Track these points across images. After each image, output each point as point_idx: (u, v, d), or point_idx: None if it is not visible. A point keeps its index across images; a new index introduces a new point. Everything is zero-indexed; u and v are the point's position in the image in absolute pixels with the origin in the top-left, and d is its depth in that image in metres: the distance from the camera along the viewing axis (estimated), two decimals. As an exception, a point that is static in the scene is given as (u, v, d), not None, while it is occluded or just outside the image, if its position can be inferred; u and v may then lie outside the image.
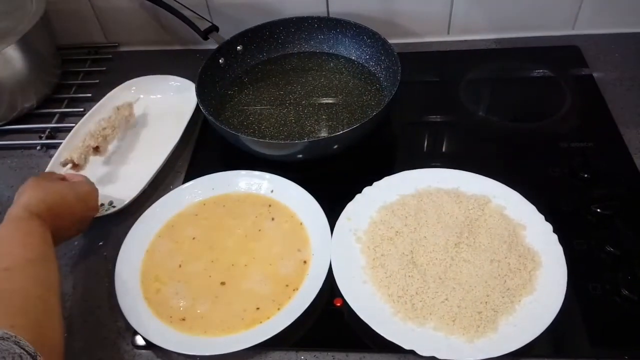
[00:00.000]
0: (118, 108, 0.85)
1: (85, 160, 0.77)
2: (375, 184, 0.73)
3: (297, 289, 0.64)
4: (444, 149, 0.82)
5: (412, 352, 0.56)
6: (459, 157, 0.80)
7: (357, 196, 0.71)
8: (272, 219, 0.72)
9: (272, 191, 0.74)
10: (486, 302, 0.59)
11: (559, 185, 0.73)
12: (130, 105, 0.86)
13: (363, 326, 0.58)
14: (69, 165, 0.76)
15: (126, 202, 0.74)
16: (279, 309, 0.62)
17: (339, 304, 0.62)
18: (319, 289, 0.61)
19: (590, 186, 0.72)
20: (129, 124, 0.86)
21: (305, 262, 0.66)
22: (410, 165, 0.75)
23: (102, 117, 0.84)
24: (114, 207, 0.75)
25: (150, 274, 0.67)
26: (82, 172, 0.76)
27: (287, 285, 0.64)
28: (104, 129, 0.81)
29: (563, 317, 0.57)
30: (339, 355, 0.59)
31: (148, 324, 0.61)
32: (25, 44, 0.86)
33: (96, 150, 0.79)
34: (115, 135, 0.82)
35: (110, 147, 0.83)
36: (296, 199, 0.72)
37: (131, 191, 0.75)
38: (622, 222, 0.67)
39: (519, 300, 0.60)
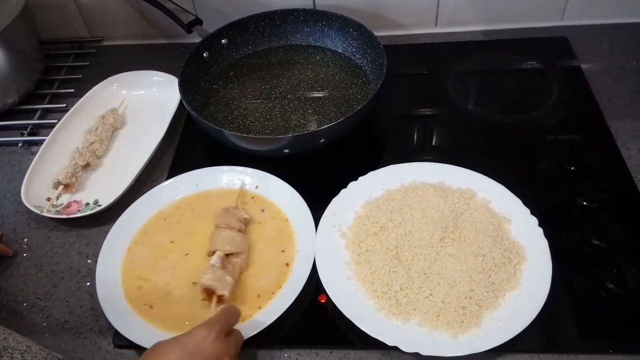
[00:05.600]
0: (103, 117, 0.84)
1: (76, 179, 0.76)
2: (360, 178, 0.72)
3: (280, 286, 0.63)
4: (430, 143, 0.81)
5: (395, 348, 0.55)
6: (444, 151, 0.80)
7: (342, 191, 0.70)
8: (262, 210, 0.71)
9: (256, 187, 0.73)
10: (470, 297, 0.59)
11: (546, 178, 0.72)
12: (114, 112, 0.85)
13: (347, 323, 0.58)
14: (61, 187, 0.75)
15: (111, 200, 0.73)
16: (260, 307, 0.61)
17: (323, 301, 0.62)
18: (302, 286, 0.61)
19: (577, 179, 0.71)
20: (115, 129, 0.85)
21: (288, 259, 0.65)
22: (396, 159, 0.74)
23: (87, 126, 0.83)
24: (99, 205, 0.73)
25: (133, 273, 0.66)
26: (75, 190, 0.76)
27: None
28: (92, 143, 0.80)
29: (548, 312, 0.57)
30: (322, 352, 0.59)
31: (129, 323, 0.60)
32: (5, 39, 0.84)
33: (87, 166, 0.78)
34: (105, 147, 0.81)
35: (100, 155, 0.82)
36: (280, 194, 0.72)
37: (116, 189, 0.74)
38: (608, 215, 0.67)
39: (504, 295, 0.59)
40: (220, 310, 0.56)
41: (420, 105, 0.86)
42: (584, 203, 0.68)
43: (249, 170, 0.74)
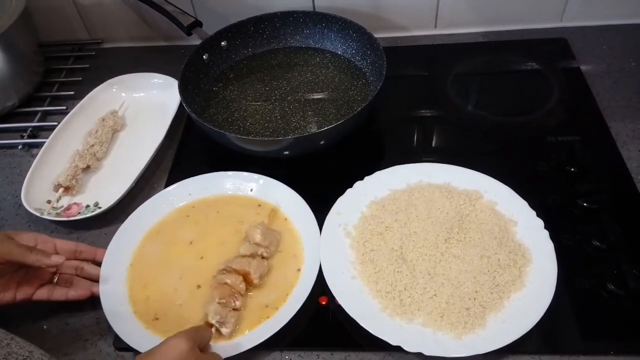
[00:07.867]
0: (103, 119, 0.84)
1: (76, 181, 0.76)
2: (366, 178, 0.72)
3: (293, 286, 0.63)
4: (434, 144, 0.81)
5: (399, 348, 0.55)
6: (450, 152, 0.80)
7: (348, 190, 0.70)
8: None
9: (252, 190, 0.73)
10: (475, 298, 0.59)
11: (546, 179, 0.72)
12: (114, 114, 0.85)
13: (350, 322, 0.58)
14: (61, 190, 0.74)
15: (111, 203, 0.73)
16: (277, 308, 0.61)
17: (324, 303, 0.62)
18: (311, 287, 0.60)
19: (577, 180, 0.71)
20: (115, 132, 0.85)
21: (299, 263, 0.65)
22: (402, 160, 0.74)
23: (87, 129, 0.83)
24: (99, 208, 0.73)
25: (135, 277, 0.65)
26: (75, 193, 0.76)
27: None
28: (92, 146, 0.80)
29: (551, 314, 0.57)
30: (323, 354, 0.59)
31: (130, 327, 0.60)
32: (5, 41, 0.84)
33: (87, 168, 0.78)
34: (105, 149, 0.81)
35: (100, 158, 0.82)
36: (283, 199, 0.71)
37: (116, 191, 0.74)
38: (608, 215, 0.66)
39: (508, 297, 0.59)
40: (196, 326, 0.57)
41: (421, 107, 0.86)
42: (585, 204, 0.68)
43: (255, 176, 0.73)
